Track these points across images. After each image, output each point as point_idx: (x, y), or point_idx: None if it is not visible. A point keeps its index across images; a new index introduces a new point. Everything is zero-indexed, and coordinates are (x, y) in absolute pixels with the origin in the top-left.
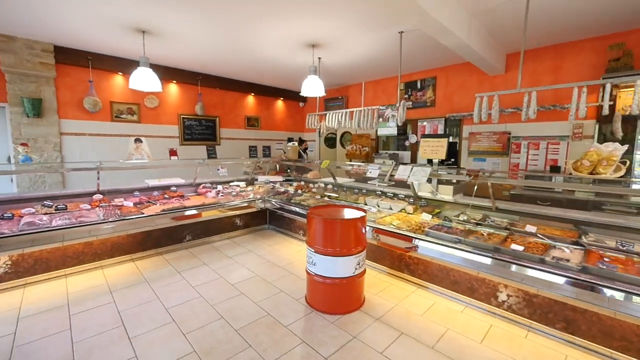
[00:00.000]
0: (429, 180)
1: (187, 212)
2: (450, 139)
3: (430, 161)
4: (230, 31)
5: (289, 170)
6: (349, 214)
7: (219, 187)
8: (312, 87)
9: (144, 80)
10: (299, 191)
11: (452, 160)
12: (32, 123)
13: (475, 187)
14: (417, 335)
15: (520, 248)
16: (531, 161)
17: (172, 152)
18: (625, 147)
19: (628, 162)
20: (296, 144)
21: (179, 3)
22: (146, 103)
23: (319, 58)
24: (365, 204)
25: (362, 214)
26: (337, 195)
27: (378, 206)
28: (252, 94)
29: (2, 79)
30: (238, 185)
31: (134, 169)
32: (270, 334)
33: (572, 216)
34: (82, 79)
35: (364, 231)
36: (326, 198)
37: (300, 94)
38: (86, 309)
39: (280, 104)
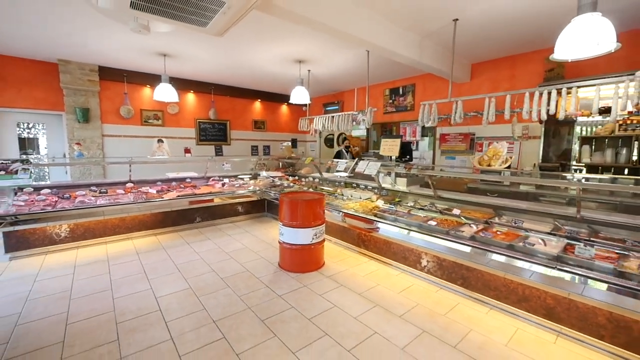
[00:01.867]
0: (389, 174)
1: (196, 198)
2: (427, 140)
3: (399, 158)
4: (232, 53)
5: (291, 168)
6: (310, 197)
7: (226, 180)
8: (299, 96)
9: (164, 93)
10: (292, 184)
11: (407, 157)
12: (82, 127)
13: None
14: (352, 288)
15: (434, 223)
16: None
17: (187, 150)
18: (505, 144)
19: (513, 156)
20: (288, 144)
21: (191, 36)
22: (169, 110)
23: (309, 70)
24: (342, 194)
25: (319, 197)
26: (322, 188)
27: (351, 195)
28: (259, 100)
29: (61, 93)
30: (242, 179)
31: (157, 164)
32: (245, 281)
33: (493, 202)
34: (119, 91)
35: (320, 211)
36: (311, 190)
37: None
38: (120, 263)
39: (284, 108)
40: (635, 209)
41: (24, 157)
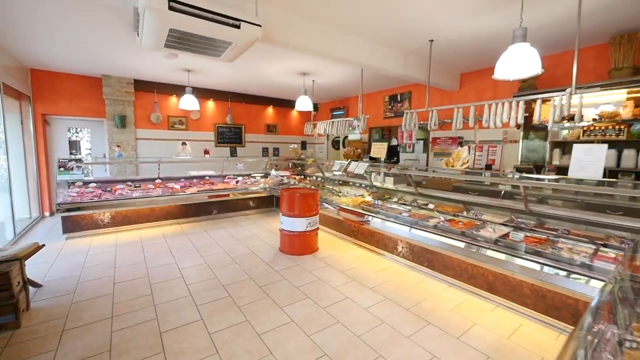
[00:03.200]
0: (379, 174)
1: (213, 193)
2: (422, 143)
3: (387, 159)
4: (246, 67)
5: (299, 168)
6: (305, 192)
7: (240, 178)
8: (303, 104)
9: (188, 103)
10: (297, 182)
11: (395, 158)
12: (119, 132)
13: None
14: (337, 267)
15: (407, 215)
16: (477, 160)
17: (206, 152)
18: (466, 148)
19: (472, 158)
20: (295, 146)
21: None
22: (191, 116)
23: (313, 80)
24: (340, 191)
25: (313, 192)
26: (325, 186)
27: (347, 193)
28: (271, 105)
29: (103, 103)
30: (254, 177)
31: (181, 163)
32: (250, 259)
33: (464, 199)
34: (150, 100)
35: (314, 203)
36: (312, 187)
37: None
38: (151, 244)
39: (294, 113)
40: (576, 204)
41: (72, 156)
